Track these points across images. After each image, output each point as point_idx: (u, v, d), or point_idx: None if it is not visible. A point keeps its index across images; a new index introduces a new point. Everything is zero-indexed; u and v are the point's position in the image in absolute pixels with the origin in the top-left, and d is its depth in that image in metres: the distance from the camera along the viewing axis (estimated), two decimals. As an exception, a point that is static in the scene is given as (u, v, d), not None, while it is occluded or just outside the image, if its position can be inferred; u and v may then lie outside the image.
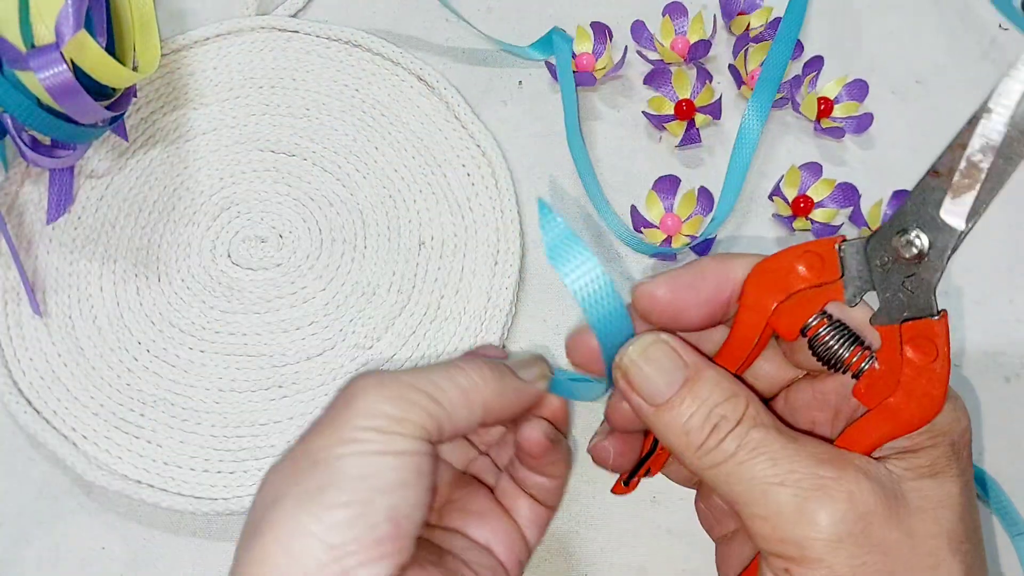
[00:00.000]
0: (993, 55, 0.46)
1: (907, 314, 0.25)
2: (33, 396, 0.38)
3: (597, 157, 0.44)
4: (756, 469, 0.24)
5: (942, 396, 0.24)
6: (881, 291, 0.25)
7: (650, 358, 0.26)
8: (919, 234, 0.24)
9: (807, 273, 0.26)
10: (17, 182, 0.41)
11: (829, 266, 0.26)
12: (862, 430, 0.25)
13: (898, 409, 0.24)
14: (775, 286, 0.26)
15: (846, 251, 0.25)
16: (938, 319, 0.24)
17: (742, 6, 0.46)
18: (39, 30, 0.34)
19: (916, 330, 0.25)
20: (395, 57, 0.45)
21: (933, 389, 0.24)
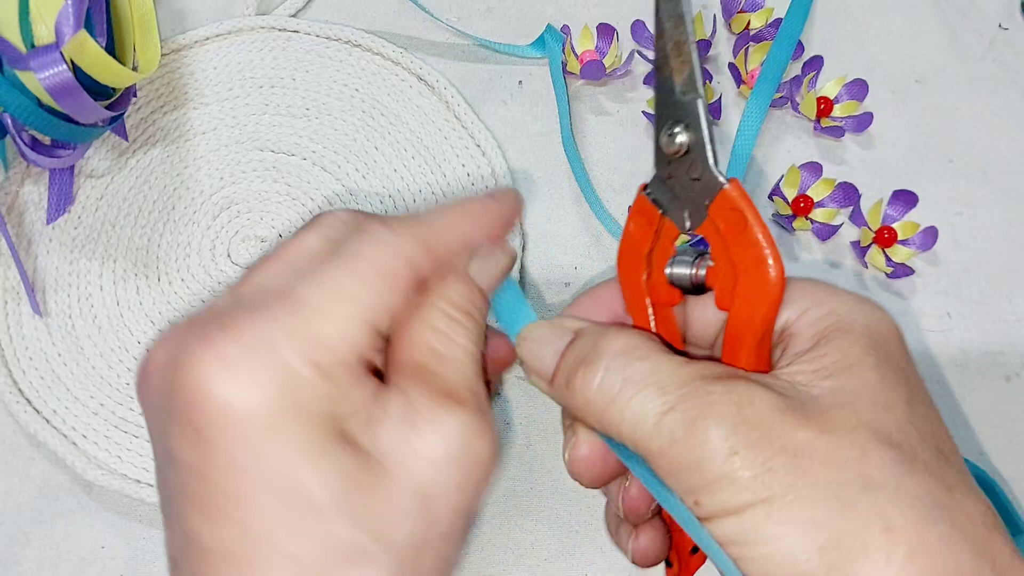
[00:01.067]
0: (993, 55, 0.46)
1: (706, 201, 0.24)
2: (33, 396, 0.38)
3: (597, 157, 0.44)
4: (646, 401, 0.23)
5: (767, 257, 0.23)
6: (684, 198, 0.25)
7: (534, 335, 0.27)
8: (672, 126, 0.25)
9: (642, 231, 0.26)
10: (17, 182, 0.41)
11: (649, 213, 0.26)
12: (734, 335, 0.24)
13: (745, 293, 0.24)
14: (632, 260, 0.27)
15: (653, 190, 0.26)
16: (728, 187, 0.24)
17: (743, 6, 0.46)
18: (39, 30, 0.34)
19: (718, 210, 0.24)
20: (395, 57, 0.45)
21: (758, 252, 0.23)
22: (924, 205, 0.42)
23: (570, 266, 0.42)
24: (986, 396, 0.40)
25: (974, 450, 0.39)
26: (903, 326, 0.41)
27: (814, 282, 0.25)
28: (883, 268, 0.40)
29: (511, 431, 0.39)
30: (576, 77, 0.45)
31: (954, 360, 0.40)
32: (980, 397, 0.40)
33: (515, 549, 0.37)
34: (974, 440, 0.39)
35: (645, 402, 0.23)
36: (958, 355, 0.40)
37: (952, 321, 0.41)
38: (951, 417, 0.39)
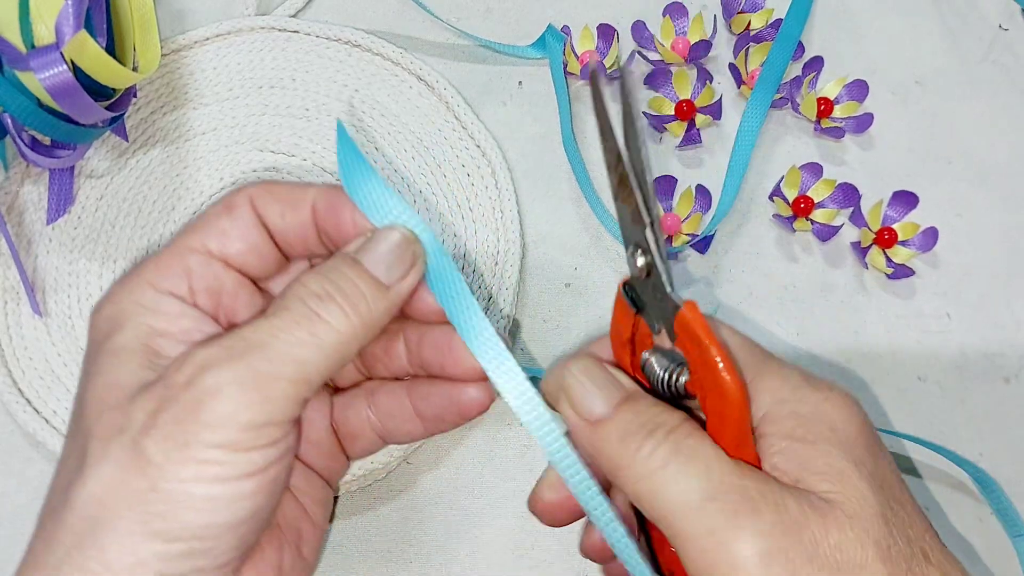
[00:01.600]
0: (993, 56, 0.46)
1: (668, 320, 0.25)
2: (33, 396, 0.38)
3: (598, 157, 0.44)
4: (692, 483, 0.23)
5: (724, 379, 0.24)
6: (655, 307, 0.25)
7: (590, 376, 0.25)
8: (634, 249, 0.25)
9: (624, 319, 0.26)
10: (17, 182, 0.41)
11: (628, 308, 0.26)
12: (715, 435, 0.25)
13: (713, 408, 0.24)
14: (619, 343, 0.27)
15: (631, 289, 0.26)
16: (684, 310, 0.24)
17: (743, 6, 0.46)
18: (39, 30, 0.34)
19: (680, 330, 0.25)
20: (395, 57, 0.45)
21: (715, 375, 0.24)
22: (924, 206, 0.42)
23: (570, 266, 0.42)
24: (985, 397, 0.40)
25: (974, 450, 0.39)
26: (903, 327, 0.41)
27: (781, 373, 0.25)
28: (883, 269, 0.40)
29: (510, 431, 0.39)
30: (576, 78, 0.45)
31: (953, 361, 0.40)
32: (979, 398, 0.40)
33: (515, 549, 0.37)
34: (974, 440, 0.39)
35: (691, 484, 0.23)
36: (957, 356, 0.40)
37: (952, 322, 0.41)
38: (951, 417, 0.39)
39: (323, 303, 0.23)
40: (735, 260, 0.42)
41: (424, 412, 0.28)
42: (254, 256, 0.26)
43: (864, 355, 0.40)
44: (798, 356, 0.40)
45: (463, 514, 0.38)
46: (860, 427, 0.24)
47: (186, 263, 0.25)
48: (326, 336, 0.23)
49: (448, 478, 0.38)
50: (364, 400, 0.28)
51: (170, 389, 0.22)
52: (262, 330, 0.23)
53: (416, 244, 0.25)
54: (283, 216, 0.26)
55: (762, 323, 0.41)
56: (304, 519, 0.26)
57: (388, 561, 0.37)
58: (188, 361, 0.22)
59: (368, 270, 0.24)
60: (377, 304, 0.24)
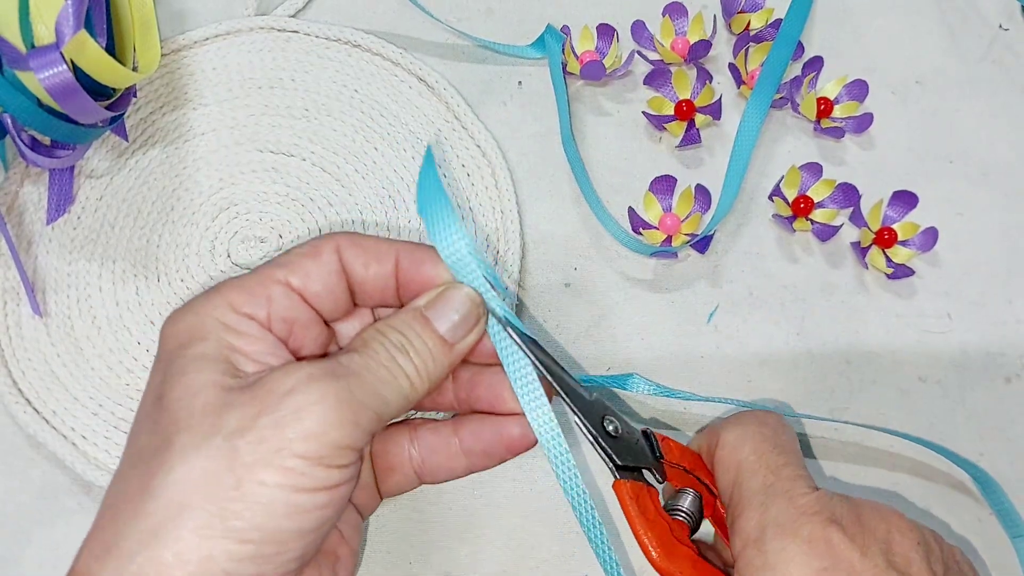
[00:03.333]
0: (993, 55, 0.46)
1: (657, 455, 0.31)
2: (33, 396, 0.38)
3: (597, 158, 0.44)
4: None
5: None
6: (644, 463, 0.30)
7: None
8: (601, 421, 0.30)
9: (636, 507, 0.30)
10: (17, 182, 0.41)
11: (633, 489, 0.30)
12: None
13: None
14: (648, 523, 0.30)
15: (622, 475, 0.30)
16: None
17: (743, 6, 0.46)
18: (39, 30, 0.34)
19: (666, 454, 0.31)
20: (395, 57, 0.45)
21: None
22: (924, 206, 0.42)
23: (570, 266, 0.42)
24: (986, 397, 0.40)
25: (974, 450, 0.39)
26: (904, 327, 0.41)
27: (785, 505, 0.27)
28: (883, 269, 0.40)
29: (511, 432, 0.39)
30: (576, 77, 0.45)
31: (954, 361, 0.40)
32: (980, 398, 0.40)
33: (516, 550, 0.37)
34: (974, 440, 0.39)
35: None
36: (958, 356, 0.40)
37: (952, 322, 0.41)
38: (951, 417, 0.39)
39: (401, 354, 0.26)
40: (735, 260, 0.42)
41: (472, 448, 0.29)
42: (330, 299, 0.27)
43: (864, 355, 0.40)
44: (798, 356, 0.40)
45: (463, 514, 0.38)
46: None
47: (268, 291, 0.26)
48: (403, 383, 0.25)
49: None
50: (407, 436, 0.30)
51: (272, 395, 0.24)
52: (356, 363, 0.25)
53: (481, 305, 0.27)
54: (367, 267, 0.27)
55: (762, 323, 0.41)
56: (342, 544, 0.28)
57: (388, 561, 0.37)
58: (292, 373, 0.24)
59: (436, 329, 0.27)
60: (441, 361, 0.27)
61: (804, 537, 0.26)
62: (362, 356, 0.25)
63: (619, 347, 0.40)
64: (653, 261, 0.42)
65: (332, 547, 0.27)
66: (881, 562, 0.25)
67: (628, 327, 0.40)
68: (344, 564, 0.28)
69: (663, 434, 0.31)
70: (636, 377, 0.37)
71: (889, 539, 0.26)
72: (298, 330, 0.27)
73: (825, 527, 0.26)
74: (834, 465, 0.38)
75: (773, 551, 0.26)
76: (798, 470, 0.28)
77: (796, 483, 0.28)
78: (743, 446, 0.28)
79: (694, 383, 0.40)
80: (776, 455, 0.28)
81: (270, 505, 0.22)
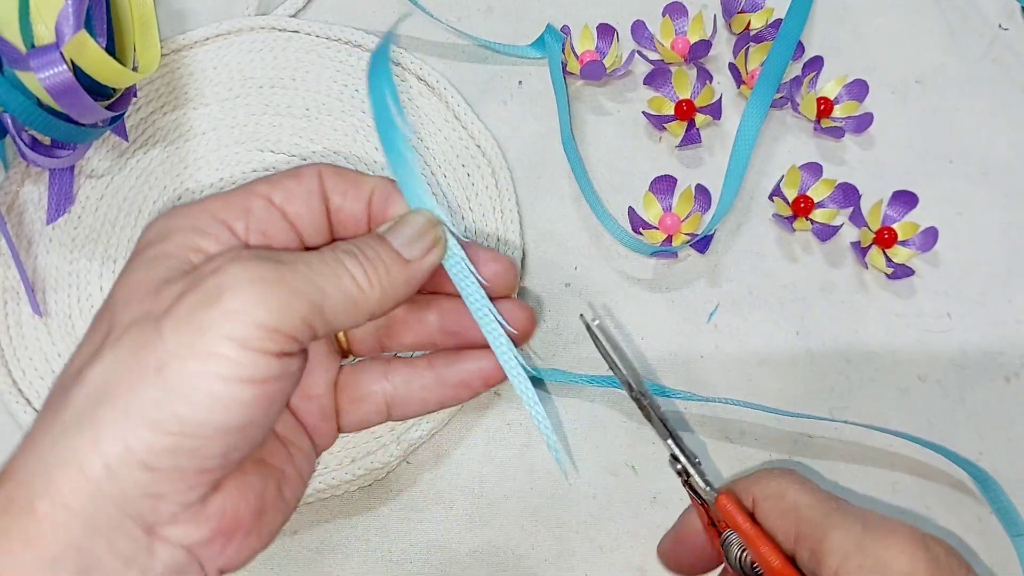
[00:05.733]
0: (993, 55, 0.46)
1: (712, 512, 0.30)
2: (33, 396, 0.38)
3: (597, 157, 0.44)
4: None
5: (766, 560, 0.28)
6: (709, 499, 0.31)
7: None
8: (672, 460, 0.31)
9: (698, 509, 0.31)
10: (17, 182, 0.41)
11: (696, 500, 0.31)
12: None
13: None
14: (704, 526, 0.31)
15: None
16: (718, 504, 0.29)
17: (743, 6, 0.46)
18: (39, 30, 0.34)
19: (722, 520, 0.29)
20: (395, 57, 0.45)
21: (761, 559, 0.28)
22: (924, 206, 0.42)
23: (570, 266, 0.42)
24: (986, 396, 0.40)
25: (974, 450, 0.39)
26: (903, 326, 0.41)
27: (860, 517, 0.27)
28: (883, 268, 0.40)
29: (511, 431, 0.39)
30: (576, 77, 0.45)
31: (954, 360, 0.40)
32: (980, 397, 0.40)
33: (515, 550, 0.37)
34: (974, 440, 0.39)
35: None
36: (958, 355, 0.40)
37: (952, 321, 0.41)
38: (951, 417, 0.39)
39: (349, 257, 0.25)
40: (735, 260, 0.42)
41: (448, 378, 0.29)
42: (309, 222, 0.27)
43: (864, 355, 0.40)
44: (798, 356, 0.40)
45: (463, 514, 0.38)
46: (924, 567, 0.26)
47: (249, 203, 0.26)
48: (348, 283, 0.25)
49: (448, 478, 0.38)
50: (381, 368, 0.30)
51: (198, 276, 0.23)
52: (294, 255, 0.24)
53: (438, 228, 0.27)
54: (344, 195, 0.28)
55: (762, 323, 0.41)
56: (289, 463, 0.27)
57: (388, 561, 0.37)
58: (221, 255, 0.24)
59: (391, 245, 0.26)
60: (395, 274, 0.26)
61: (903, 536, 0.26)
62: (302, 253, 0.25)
63: (619, 347, 0.40)
64: (653, 261, 0.42)
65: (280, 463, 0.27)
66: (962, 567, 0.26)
67: (628, 327, 0.40)
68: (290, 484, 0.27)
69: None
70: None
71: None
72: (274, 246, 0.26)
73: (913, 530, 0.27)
74: (834, 465, 0.38)
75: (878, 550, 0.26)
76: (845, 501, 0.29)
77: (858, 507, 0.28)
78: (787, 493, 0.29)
79: (694, 383, 0.40)
80: (821, 492, 0.29)
81: (191, 395, 0.22)
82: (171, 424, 0.22)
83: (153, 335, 0.22)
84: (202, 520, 0.23)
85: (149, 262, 0.24)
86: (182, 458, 0.22)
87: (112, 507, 0.22)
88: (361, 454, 0.38)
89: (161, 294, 0.23)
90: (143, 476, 0.22)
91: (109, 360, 0.22)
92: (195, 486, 0.23)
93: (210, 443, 0.22)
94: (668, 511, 0.38)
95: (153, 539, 0.22)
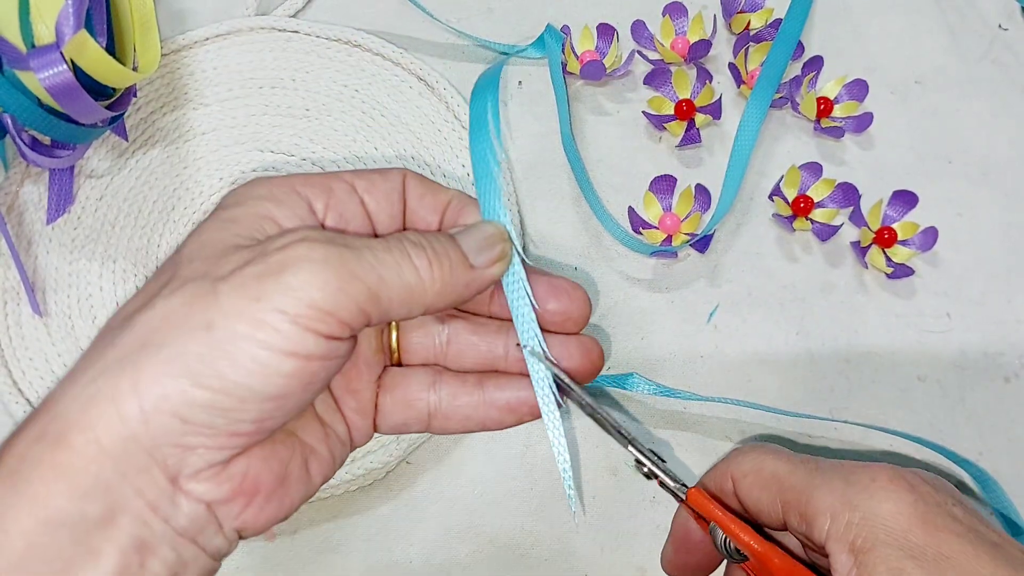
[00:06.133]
0: (993, 55, 0.46)
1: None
2: (33, 396, 0.38)
3: (597, 157, 0.44)
4: None
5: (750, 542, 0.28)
6: None
7: None
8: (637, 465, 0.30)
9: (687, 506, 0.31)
10: (17, 182, 0.41)
11: None
12: None
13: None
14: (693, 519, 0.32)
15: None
16: (688, 499, 0.30)
17: (743, 6, 0.46)
18: (39, 30, 0.34)
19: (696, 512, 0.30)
20: (395, 57, 0.45)
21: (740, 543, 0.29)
22: (924, 205, 0.42)
23: (570, 266, 0.42)
24: (986, 396, 0.40)
25: (974, 449, 0.39)
26: (903, 326, 0.41)
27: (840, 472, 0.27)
28: (883, 268, 0.40)
29: (511, 431, 0.39)
30: (576, 77, 0.45)
31: (954, 360, 0.40)
32: (980, 397, 0.40)
33: (516, 549, 0.37)
34: (974, 440, 0.39)
35: None
36: (958, 355, 0.40)
37: (952, 322, 0.41)
38: (951, 417, 0.39)
39: (416, 249, 0.25)
40: (735, 260, 0.42)
41: (496, 400, 0.29)
42: (385, 216, 0.28)
43: (864, 355, 0.40)
44: (798, 356, 0.40)
45: (463, 514, 0.38)
46: (911, 510, 0.26)
47: (332, 185, 0.27)
48: (410, 273, 0.25)
49: (448, 478, 0.38)
50: (430, 377, 0.30)
51: (264, 249, 0.24)
52: (361, 241, 0.25)
53: (507, 243, 0.28)
54: (422, 199, 0.28)
55: (762, 322, 0.41)
56: (323, 443, 0.27)
57: (388, 561, 0.37)
58: (291, 232, 0.24)
59: (460, 246, 0.27)
60: (458, 275, 0.26)
61: (884, 483, 0.26)
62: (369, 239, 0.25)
63: (619, 347, 0.40)
64: (653, 261, 0.42)
65: (312, 440, 0.27)
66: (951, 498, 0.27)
67: (628, 327, 0.40)
68: (320, 463, 0.27)
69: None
70: (636, 377, 0.37)
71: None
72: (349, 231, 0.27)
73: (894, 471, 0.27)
74: (834, 465, 0.38)
75: (863, 502, 0.26)
76: (822, 460, 0.29)
77: (835, 461, 0.28)
78: (764, 465, 0.29)
79: (694, 383, 0.40)
80: (797, 457, 0.29)
81: (236, 356, 0.22)
82: (210, 380, 0.22)
83: (209, 293, 0.23)
84: (223, 479, 0.24)
85: (222, 223, 0.25)
86: (216, 415, 0.22)
87: (142, 451, 0.22)
88: (361, 454, 0.38)
89: (227, 258, 0.24)
90: (177, 425, 0.22)
91: (160, 309, 0.23)
92: (225, 446, 0.23)
93: (245, 406, 0.23)
94: (668, 511, 0.38)
95: (176, 490, 0.23)
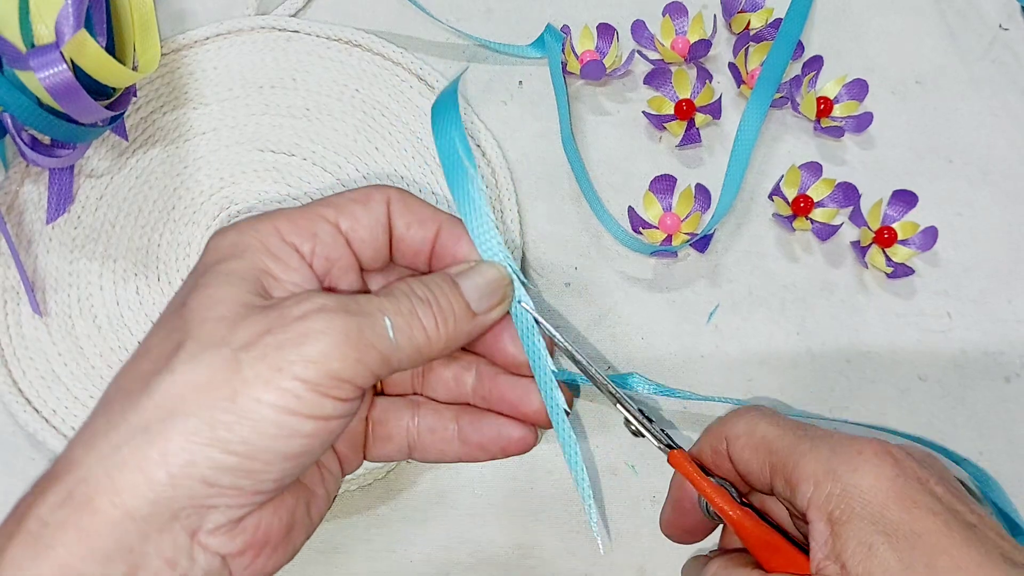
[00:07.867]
0: (993, 55, 0.46)
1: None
2: (33, 396, 0.38)
3: (598, 157, 0.44)
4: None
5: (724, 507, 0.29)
6: None
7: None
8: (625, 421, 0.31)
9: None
10: (17, 182, 0.41)
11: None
12: None
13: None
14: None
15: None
16: (669, 460, 0.30)
17: (743, 6, 0.46)
18: (39, 30, 0.34)
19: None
20: (395, 57, 0.45)
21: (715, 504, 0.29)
22: (924, 205, 0.42)
23: (570, 266, 0.42)
24: (986, 396, 0.40)
25: (974, 450, 0.39)
26: (903, 326, 0.41)
27: (828, 441, 0.28)
28: (883, 268, 0.40)
29: (511, 431, 0.39)
30: (576, 77, 0.45)
31: (954, 360, 0.40)
32: (980, 397, 0.40)
33: (516, 549, 0.37)
34: (974, 440, 0.39)
35: None
36: (958, 355, 0.40)
37: (952, 321, 0.41)
38: (951, 417, 0.39)
39: (423, 307, 0.26)
40: (735, 259, 0.42)
41: (469, 438, 0.30)
42: (372, 248, 0.28)
43: (864, 354, 0.40)
44: (798, 356, 0.40)
45: (463, 514, 0.38)
46: (890, 484, 0.26)
47: (316, 227, 0.27)
48: (419, 335, 0.26)
49: (448, 478, 0.38)
50: (410, 410, 0.31)
51: (283, 318, 0.24)
52: (373, 304, 0.25)
53: (508, 286, 0.28)
54: (409, 228, 0.28)
55: (762, 322, 0.41)
56: (319, 484, 0.28)
57: (389, 561, 0.37)
58: (307, 300, 0.25)
59: (463, 294, 0.27)
60: (461, 326, 0.27)
61: (869, 456, 0.27)
62: (380, 299, 0.26)
63: (619, 346, 0.40)
64: (653, 260, 0.42)
65: (312, 484, 0.28)
66: (934, 476, 0.27)
67: (628, 327, 0.40)
68: (318, 504, 0.28)
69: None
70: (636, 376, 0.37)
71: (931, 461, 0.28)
72: (336, 272, 0.28)
73: (881, 445, 0.27)
74: (834, 464, 0.38)
75: (845, 474, 0.26)
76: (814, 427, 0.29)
77: (826, 430, 0.29)
78: (757, 428, 0.29)
79: (694, 383, 0.40)
80: (791, 422, 0.29)
81: (260, 423, 0.23)
82: (236, 445, 0.23)
83: (231, 363, 0.23)
84: (237, 532, 0.24)
85: (225, 278, 0.25)
86: (241, 477, 0.23)
87: (167, 513, 0.23)
88: (361, 454, 0.38)
89: (242, 325, 0.24)
90: (203, 489, 0.23)
91: (181, 377, 0.24)
92: (245, 504, 0.24)
93: (269, 467, 0.24)
94: (668, 511, 0.38)
95: (194, 544, 0.24)
